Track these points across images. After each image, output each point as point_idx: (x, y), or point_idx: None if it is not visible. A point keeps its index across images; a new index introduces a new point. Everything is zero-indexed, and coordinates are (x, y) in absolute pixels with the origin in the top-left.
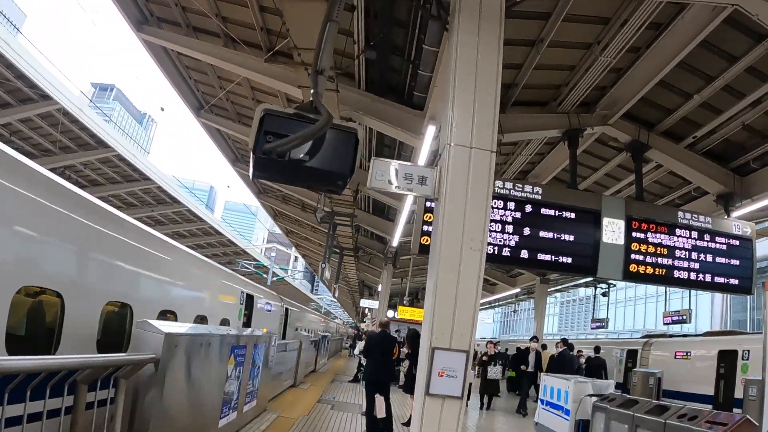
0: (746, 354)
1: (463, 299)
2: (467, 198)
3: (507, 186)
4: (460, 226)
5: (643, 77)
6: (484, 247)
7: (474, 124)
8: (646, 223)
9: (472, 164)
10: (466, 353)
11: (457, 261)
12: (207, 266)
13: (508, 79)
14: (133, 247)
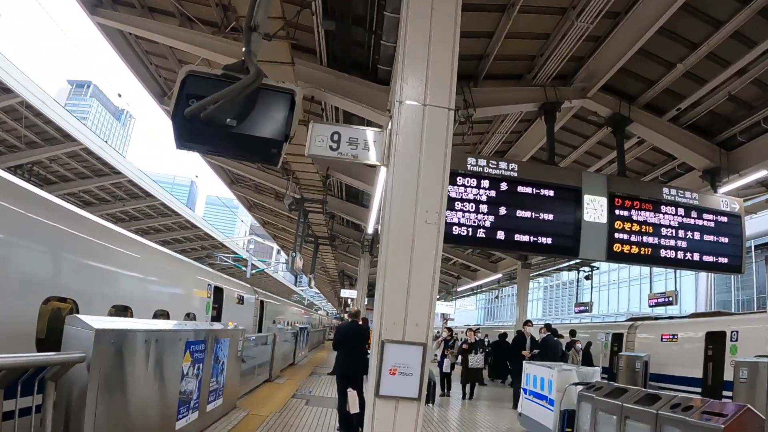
0: (735, 335)
1: (418, 283)
2: (421, 163)
3: (480, 163)
4: (413, 195)
5: (623, 46)
6: (441, 220)
7: (428, 78)
8: (630, 200)
9: (427, 124)
10: (423, 346)
11: (410, 237)
12: (168, 258)
13: (479, 50)
14: (78, 239)
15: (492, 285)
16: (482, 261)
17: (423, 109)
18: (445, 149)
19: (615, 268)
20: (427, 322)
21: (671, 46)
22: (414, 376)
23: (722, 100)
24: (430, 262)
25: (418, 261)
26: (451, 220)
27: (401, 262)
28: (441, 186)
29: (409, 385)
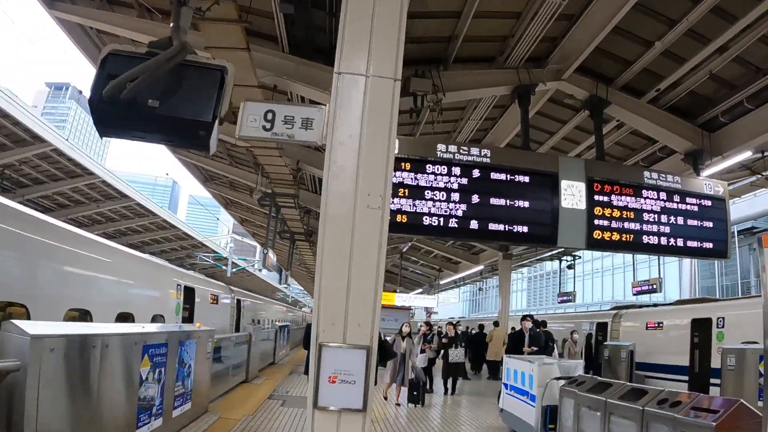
0: (721, 321)
1: (359, 277)
2: (362, 140)
3: (451, 150)
4: (353, 176)
5: (597, 24)
6: (386, 205)
7: (372, 46)
8: (610, 184)
9: (369, 96)
10: (367, 350)
11: (350, 225)
12: (131, 259)
13: (447, 31)
14: (30, 240)
15: (475, 277)
16: (463, 253)
17: (365, 80)
18: (390, 125)
19: (598, 257)
20: (371, 322)
21: (648, 23)
22: (357, 384)
23: (703, 80)
24: (373, 252)
25: (359, 252)
26: (421, 210)
27: (340, 254)
28: (385, 166)
29: (352, 394)
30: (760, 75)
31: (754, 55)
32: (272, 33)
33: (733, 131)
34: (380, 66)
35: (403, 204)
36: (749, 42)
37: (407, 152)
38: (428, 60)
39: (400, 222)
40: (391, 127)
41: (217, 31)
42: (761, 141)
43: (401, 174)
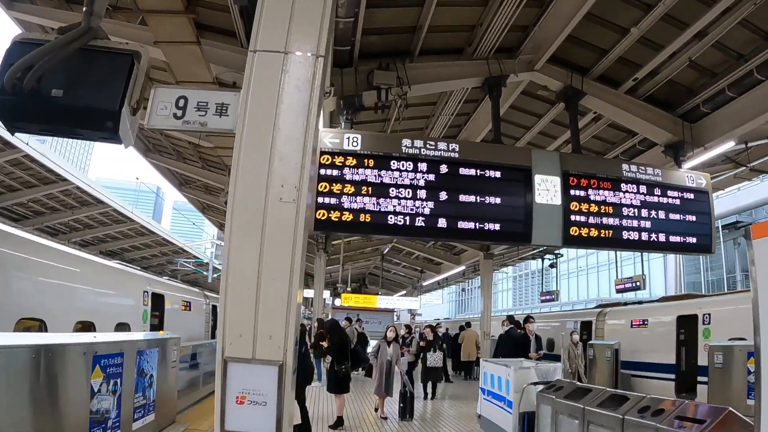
0: (707, 318)
1: (270, 281)
2: (277, 123)
3: (417, 144)
4: (265, 164)
5: (569, 10)
6: (302, 198)
7: (292, 19)
8: (586, 178)
9: (287, 75)
10: (279, 366)
11: (260, 221)
12: (91, 265)
13: (410, 21)
14: None
15: (458, 278)
16: (445, 253)
17: (283, 57)
18: (309, 106)
19: (582, 255)
20: (284, 333)
21: (623, 8)
22: (269, 406)
23: (682, 68)
24: (286, 253)
25: (270, 252)
26: (385, 209)
27: (248, 254)
28: (302, 152)
29: (262, 417)
30: (742, 61)
31: (735, 40)
32: (230, 27)
33: (715, 121)
34: (301, 41)
35: (366, 203)
36: (729, 26)
37: (370, 148)
38: (393, 52)
39: (363, 222)
40: (311, 109)
41: (164, 25)
42: (744, 131)
43: (364, 171)
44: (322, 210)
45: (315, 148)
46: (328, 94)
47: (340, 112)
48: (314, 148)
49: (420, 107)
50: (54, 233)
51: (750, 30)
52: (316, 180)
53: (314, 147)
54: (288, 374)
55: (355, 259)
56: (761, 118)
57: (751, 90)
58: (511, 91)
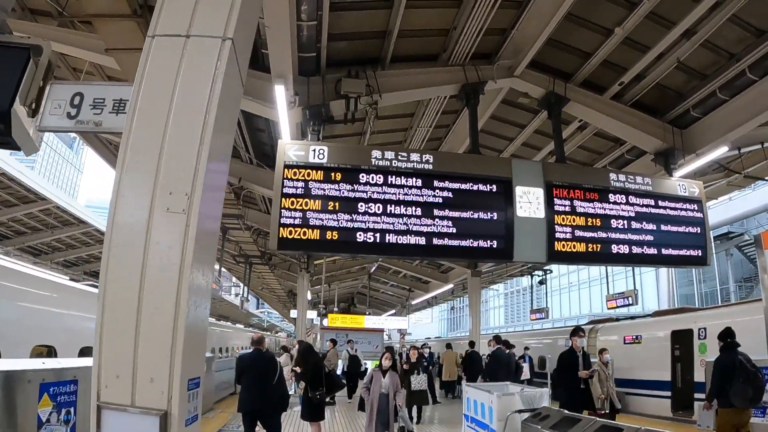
0: (703, 332)
1: (154, 311)
2: (169, 119)
3: (387, 156)
4: (152, 170)
5: (548, 11)
6: (195, 207)
7: (199, 1)
8: (572, 189)
9: (186, 62)
10: (162, 416)
11: (143, 236)
12: (52, 286)
13: (379, 25)
14: None
15: (447, 296)
16: (432, 272)
17: (184, 42)
18: (210, 97)
19: (573, 270)
20: (168, 376)
21: (605, 7)
22: None
23: (670, 70)
24: (173, 275)
25: (154, 274)
26: (355, 226)
27: (127, 275)
28: (196, 154)
29: None
30: (733, 61)
31: (725, 39)
32: None
33: (707, 126)
34: (206, 23)
35: (333, 219)
36: (718, 23)
37: (338, 161)
38: (363, 60)
39: (330, 239)
40: (211, 100)
41: (112, 30)
42: (738, 134)
43: (330, 186)
44: (287, 228)
45: (221, 151)
46: (293, 104)
47: (306, 124)
48: (220, 150)
49: (396, 119)
50: (36, 254)
51: (741, 27)
52: (279, 195)
53: (221, 149)
54: (174, 427)
55: (341, 279)
56: (756, 120)
57: (743, 91)
58: (491, 99)
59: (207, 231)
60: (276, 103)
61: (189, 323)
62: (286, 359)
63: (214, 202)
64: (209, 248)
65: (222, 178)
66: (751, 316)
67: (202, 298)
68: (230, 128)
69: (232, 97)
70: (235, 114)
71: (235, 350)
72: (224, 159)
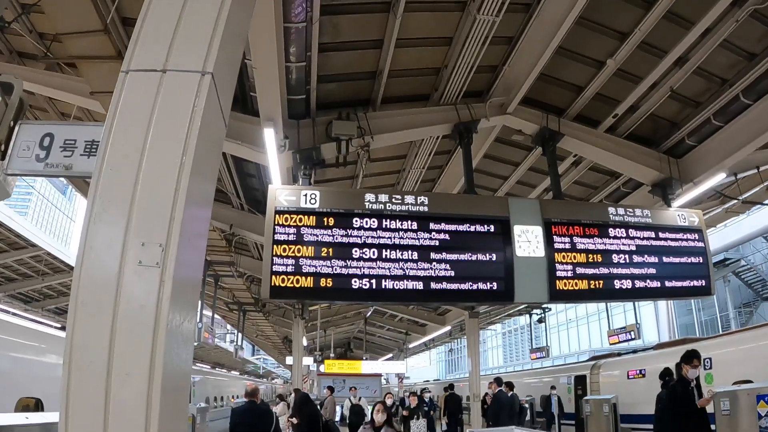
0: (708, 362)
1: (125, 377)
2: (143, 160)
3: (381, 199)
4: (123, 218)
5: (540, 44)
6: (171, 260)
7: (177, 32)
8: (571, 226)
9: (162, 98)
10: None
11: (112, 292)
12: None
13: (369, 66)
14: None
15: (444, 338)
16: (429, 314)
17: (160, 77)
18: (188, 135)
19: (571, 306)
20: None
21: (596, 39)
22: None
23: (663, 99)
24: (146, 335)
25: (124, 337)
26: (349, 272)
27: (95, 340)
28: (172, 199)
29: None
30: (726, 87)
31: (717, 65)
32: None
33: (703, 153)
34: (183, 56)
35: (327, 266)
36: (710, 49)
37: (330, 205)
38: (353, 101)
39: (324, 287)
40: (189, 139)
41: (96, 72)
42: (735, 160)
43: (323, 231)
44: (279, 276)
45: (202, 195)
46: (283, 148)
47: (297, 168)
48: (200, 194)
49: (389, 161)
50: (27, 301)
51: (732, 52)
52: (270, 242)
53: (201, 193)
54: None
55: (337, 324)
56: (752, 144)
57: (738, 116)
58: (484, 138)
59: (186, 284)
60: (266, 147)
61: (167, 386)
62: (282, 408)
63: (194, 251)
64: (189, 302)
65: (203, 225)
66: (756, 342)
67: (183, 354)
68: (211, 170)
69: (212, 136)
70: (216, 155)
71: (231, 399)
72: (205, 204)
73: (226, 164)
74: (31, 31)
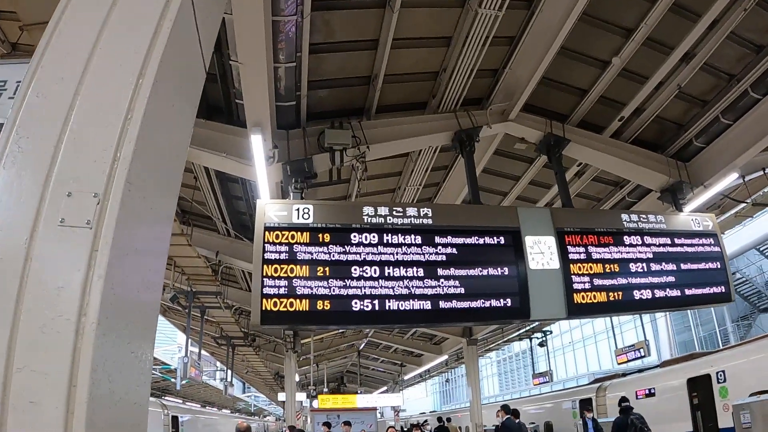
0: (721, 376)
1: (31, 403)
2: (84, 79)
3: (381, 212)
4: (46, 155)
5: (542, 44)
6: (108, 217)
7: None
8: (584, 235)
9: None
10: None
11: (16, 269)
12: None
13: (363, 70)
14: None
15: (441, 368)
16: (424, 344)
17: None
18: (150, 49)
19: (576, 326)
20: None
21: (601, 36)
22: None
23: (669, 100)
24: (66, 341)
25: (31, 340)
26: (349, 292)
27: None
28: (119, 129)
29: None
30: (734, 82)
31: (724, 59)
32: None
33: (713, 154)
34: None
35: (324, 287)
36: (717, 42)
37: (325, 220)
38: (346, 110)
39: (322, 310)
40: (151, 54)
41: None
42: (746, 159)
43: (319, 249)
44: (271, 299)
45: (172, 138)
46: (272, 159)
47: (288, 182)
48: (172, 138)
49: (383, 179)
50: None
51: (740, 44)
52: (260, 262)
53: (171, 137)
54: None
55: (330, 358)
56: (763, 141)
57: (748, 112)
58: (484, 150)
59: (139, 259)
60: (253, 159)
61: (97, 421)
62: None
63: (152, 211)
64: (142, 287)
65: (170, 176)
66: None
67: (130, 373)
68: (183, 109)
69: (184, 65)
70: (189, 96)
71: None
72: (173, 147)
73: (211, 186)
74: None
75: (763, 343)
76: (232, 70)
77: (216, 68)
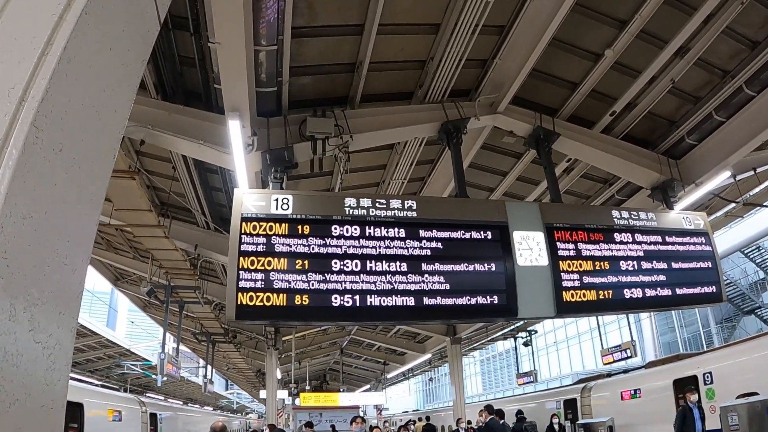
0: (708, 377)
1: None
2: None
3: (364, 204)
4: None
5: (533, 33)
6: (34, 102)
7: None
8: (574, 231)
9: None
10: None
11: None
12: None
13: (348, 56)
14: None
15: (424, 367)
16: (408, 342)
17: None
18: None
19: (560, 326)
20: None
21: (594, 28)
22: None
23: (662, 95)
24: None
25: None
26: (329, 287)
27: None
28: None
29: None
30: (728, 78)
31: (718, 55)
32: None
33: (705, 152)
34: None
35: (303, 281)
36: (712, 37)
37: (305, 211)
38: (330, 99)
39: (300, 305)
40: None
41: None
42: (739, 157)
43: (298, 241)
44: (247, 293)
45: None
46: (251, 147)
47: (267, 171)
48: None
49: (367, 172)
50: None
51: (735, 39)
52: (236, 254)
53: (119, 94)
54: None
55: (312, 355)
56: (759, 138)
57: (741, 109)
58: (470, 143)
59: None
60: (231, 146)
61: None
62: None
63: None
64: (62, 205)
65: (107, 135)
66: (759, 352)
67: (33, 342)
68: (132, 51)
69: None
70: (145, 31)
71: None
72: (116, 104)
73: (189, 177)
74: None
75: (750, 345)
76: (211, 53)
77: (195, 52)
